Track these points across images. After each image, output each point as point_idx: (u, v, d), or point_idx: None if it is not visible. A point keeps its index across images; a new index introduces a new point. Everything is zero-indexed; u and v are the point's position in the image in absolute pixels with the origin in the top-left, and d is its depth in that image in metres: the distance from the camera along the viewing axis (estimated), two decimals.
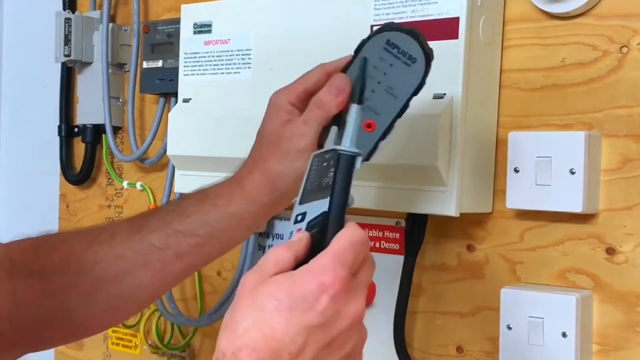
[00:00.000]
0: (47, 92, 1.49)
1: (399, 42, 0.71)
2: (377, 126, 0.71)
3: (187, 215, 0.79)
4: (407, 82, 0.71)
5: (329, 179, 0.64)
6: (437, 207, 0.86)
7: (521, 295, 0.86)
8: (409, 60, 0.71)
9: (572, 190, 0.82)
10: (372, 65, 0.72)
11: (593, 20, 0.86)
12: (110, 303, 0.80)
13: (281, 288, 0.56)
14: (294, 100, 0.76)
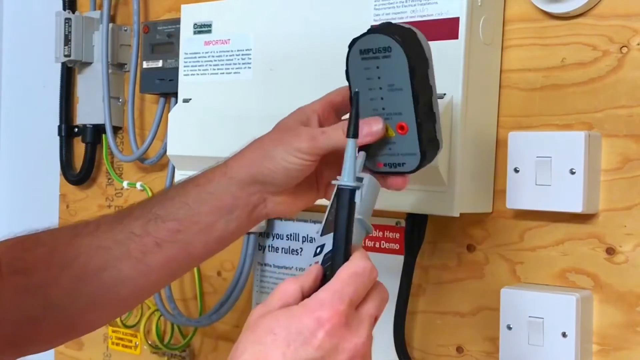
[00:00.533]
0: (47, 92, 1.49)
1: (368, 45, 0.71)
2: (408, 124, 0.71)
3: (168, 198, 0.78)
4: (398, 70, 0.71)
5: None
6: (437, 207, 0.86)
7: (521, 295, 0.86)
8: (386, 52, 0.70)
9: (572, 190, 0.82)
10: (365, 78, 0.72)
11: (593, 20, 0.86)
12: (91, 299, 0.78)
13: (278, 322, 0.58)
14: (318, 108, 0.76)
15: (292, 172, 0.73)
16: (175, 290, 1.23)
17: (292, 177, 0.74)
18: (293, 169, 0.73)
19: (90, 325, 0.84)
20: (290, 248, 1.13)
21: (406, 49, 0.70)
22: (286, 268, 1.13)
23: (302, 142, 0.72)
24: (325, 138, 0.72)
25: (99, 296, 0.78)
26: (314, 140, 0.72)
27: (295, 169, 0.73)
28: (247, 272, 1.14)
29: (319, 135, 0.72)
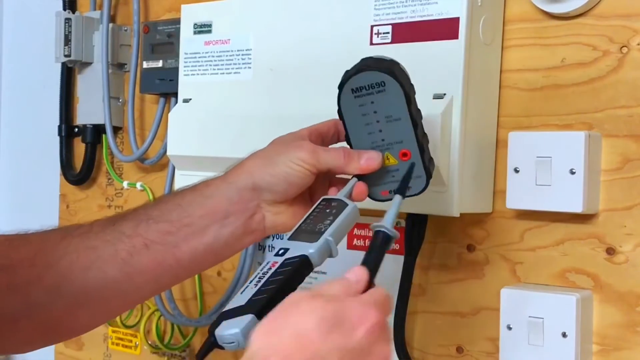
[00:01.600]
0: (47, 92, 1.49)
1: (360, 83, 0.73)
2: (411, 150, 0.74)
3: (164, 201, 0.78)
4: (394, 102, 0.73)
5: (324, 226, 0.69)
6: (437, 207, 0.86)
7: (521, 295, 0.86)
8: (380, 88, 0.72)
9: (572, 190, 0.82)
10: (360, 114, 0.74)
11: (593, 20, 0.86)
12: (74, 300, 0.76)
13: (326, 307, 0.59)
14: (306, 133, 0.78)
15: (292, 179, 0.74)
16: (175, 290, 1.23)
17: (292, 184, 0.74)
18: (294, 176, 0.74)
19: (72, 328, 0.82)
20: None
21: (399, 79, 0.72)
22: None
23: (305, 152, 0.74)
24: (326, 155, 0.74)
25: (82, 297, 0.77)
26: (316, 154, 0.74)
27: (295, 176, 0.74)
28: (247, 272, 1.14)
29: (321, 151, 0.75)
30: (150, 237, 0.76)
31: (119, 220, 0.78)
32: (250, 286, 0.66)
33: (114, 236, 0.76)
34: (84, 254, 0.76)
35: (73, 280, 0.76)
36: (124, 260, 0.76)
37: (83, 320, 0.80)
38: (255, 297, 0.65)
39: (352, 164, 0.74)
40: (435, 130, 0.83)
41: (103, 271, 0.76)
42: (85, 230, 0.78)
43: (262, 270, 0.67)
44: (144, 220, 0.76)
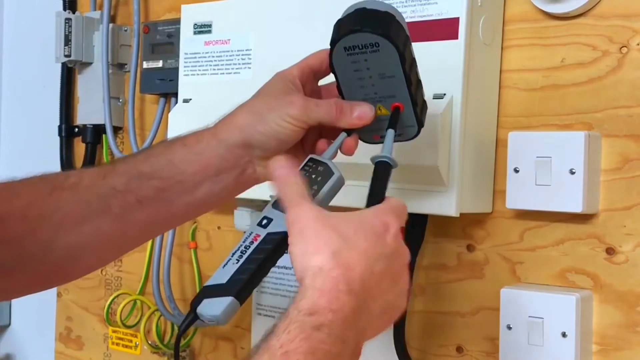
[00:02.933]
0: (47, 92, 1.49)
1: (353, 42, 0.71)
2: (403, 103, 0.74)
3: (154, 155, 0.77)
4: (388, 62, 0.72)
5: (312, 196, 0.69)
6: (437, 207, 0.86)
7: (521, 295, 0.86)
8: (374, 48, 0.71)
9: (572, 190, 0.82)
10: (353, 70, 0.73)
11: (593, 21, 0.86)
12: (68, 252, 0.77)
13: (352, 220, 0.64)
14: (297, 73, 0.77)
15: (282, 137, 0.74)
16: (175, 290, 1.23)
17: (282, 141, 0.74)
18: (284, 134, 0.74)
19: (64, 277, 0.83)
20: None
21: (393, 40, 0.70)
22: (286, 268, 1.13)
23: (296, 109, 0.73)
24: (317, 111, 0.74)
25: (75, 249, 0.77)
26: (307, 110, 0.73)
27: (285, 134, 0.74)
28: None
29: (312, 106, 0.74)
30: (142, 194, 0.76)
31: (109, 173, 0.77)
32: (232, 260, 0.68)
33: (105, 191, 0.76)
34: (77, 208, 0.76)
35: (67, 234, 0.76)
36: (117, 215, 0.76)
37: (76, 269, 0.81)
38: (235, 277, 0.67)
39: (344, 118, 0.74)
40: (435, 130, 0.84)
41: (96, 226, 0.76)
42: (74, 182, 0.77)
43: (245, 242, 0.69)
44: (135, 176, 0.76)
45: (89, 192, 0.76)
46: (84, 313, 1.44)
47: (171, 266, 1.21)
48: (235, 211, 1.12)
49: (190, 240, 1.24)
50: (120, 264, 1.37)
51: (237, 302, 0.66)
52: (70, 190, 0.76)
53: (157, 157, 0.76)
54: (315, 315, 0.59)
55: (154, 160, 0.76)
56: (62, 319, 1.48)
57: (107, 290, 1.39)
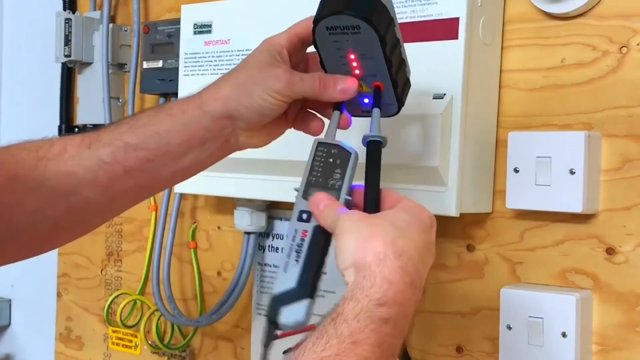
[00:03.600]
0: (47, 92, 1.49)
1: (335, 23, 0.72)
2: (384, 82, 0.74)
3: (139, 126, 0.77)
4: (369, 44, 0.72)
5: (336, 182, 0.70)
6: (437, 207, 0.86)
7: (521, 295, 0.86)
8: (355, 30, 0.71)
9: (572, 190, 0.82)
10: (335, 48, 0.73)
11: (593, 21, 0.86)
12: (57, 222, 0.78)
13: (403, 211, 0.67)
14: (285, 43, 0.77)
15: (266, 111, 0.75)
16: (175, 290, 1.23)
17: (265, 115, 0.75)
18: (267, 108, 0.74)
19: (53, 245, 0.84)
20: None
21: (374, 24, 0.70)
22: None
23: (280, 84, 0.74)
24: (302, 85, 0.74)
25: (64, 219, 0.78)
26: (292, 84, 0.74)
27: (270, 108, 0.74)
28: (247, 272, 1.14)
29: (297, 81, 0.74)
30: (130, 164, 0.76)
31: (94, 142, 0.77)
32: (291, 262, 0.68)
33: (91, 162, 0.76)
34: (65, 180, 0.76)
35: (55, 205, 0.77)
36: (105, 185, 0.76)
37: (65, 237, 0.83)
38: (304, 278, 0.67)
39: (327, 92, 0.75)
40: (435, 130, 0.84)
41: (84, 196, 0.77)
42: (59, 151, 0.78)
43: (295, 241, 0.69)
44: (121, 147, 0.76)
45: (75, 164, 0.76)
46: (84, 313, 1.44)
47: (171, 266, 1.21)
48: (235, 211, 1.12)
49: (190, 240, 1.24)
50: (120, 264, 1.37)
51: (313, 301, 0.67)
52: (55, 160, 0.77)
53: (143, 128, 0.77)
54: (384, 307, 0.60)
55: (140, 132, 0.77)
56: (62, 319, 1.48)
57: (107, 290, 1.39)
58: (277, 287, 0.67)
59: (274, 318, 0.66)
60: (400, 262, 0.62)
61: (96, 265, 1.41)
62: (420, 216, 0.67)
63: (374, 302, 0.60)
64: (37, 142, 0.81)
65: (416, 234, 0.66)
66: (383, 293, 0.61)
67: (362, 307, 0.60)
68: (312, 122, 0.78)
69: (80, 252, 1.44)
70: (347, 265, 0.64)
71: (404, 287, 0.62)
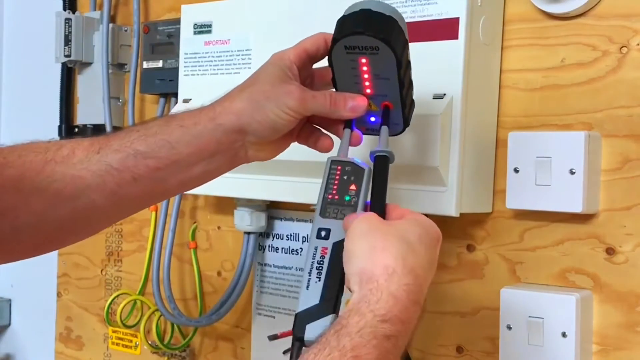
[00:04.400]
0: (47, 92, 1.49)
1: (354, 43, 0.72)
2: (393, 103, 0.76)
3: (150, 134, 0.77)
4: (385, 65, 0.73)
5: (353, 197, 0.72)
6: (437, 207, 0.86)
7: (521, 295, 0.86)
8: (373, 51, 0.72)
9: (572, 190, 0.82)
10: (350, 67, 0.74)
11: (593, 21, 0.86)
12: (61, 224, 0.78)
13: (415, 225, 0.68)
14: (294, 58, 0.78)
15: (278, 127, 0.75)
16: (175, 290, 1.23)
17: (277, 130, 0.76)
18: (280, 124, 0.75)
19: (57, 245, 0.85)
20: (290, 248, 1.13)
21: (393, 46, 0.72)
22: (286, 268, 1.13)
23: (293, 101, 0.74)
24: (314, 103, 0.75)
25: (69, 222, 0.78)
26: (304, 101, 0.75)
27: (282, 123, 0.75)
28: (247, 272, 1.14)
29: (310, 98, 0.75)
30: (138, 172, 0.77)
31: (104, 147, 0.77)
32: (313, 279, 0.69)
33: (100, 167, 0.76)
34: (72, 183, 0.76)
35: (61, 208, 0.77)
36: (113, 191, 0.77)
37: (69, 238, 0.83)
38: (327, 294, 0.68)
39: (337, 110, 0.76)
40: (435, 130, 0.84)
41: (91, 200, 0.77)
42: (67, 154, 0.78)
43: (315, 258, 0.70)
44: (131, 155, 0.76)
45: (83, 168, 0.77)
46: (84, 313, 1.44)
47: (171, 266, 1.21)
48: (235, 211, 1.12)
49: (190, 240, 1.24)
50: (120, 264, 1.37)
51: (337, 316, 0.67)
52: (63, 163, 0.77)
53: (154, 137, 0.77)
54: (387, 323, 0.61)
55: (151, 140, 0.77)
56: (62, 319, 1.48)
57: (107, 290, 1.39)
58: (301, 304, 0.69)
59: (301, 335, 0.67)
60: (408, 279, 0.63)
61: (96, 265, 1.41)
62: (430, 231, 0.69)
63: (379, 317, 0.61)
64: (45, 144, 0.81)
65: (424, 250, 0.67)
66: (388, 309, 0.61)
67: (366, 322, 0.60)
68: (321, 140, 0.80)
69: (80, 252, 1.44)
70: (353, 271, 0.64)
71: (409, 305, 0.63)
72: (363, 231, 0.66)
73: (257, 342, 1.15)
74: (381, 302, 0.61)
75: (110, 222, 0.85)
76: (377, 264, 0.63)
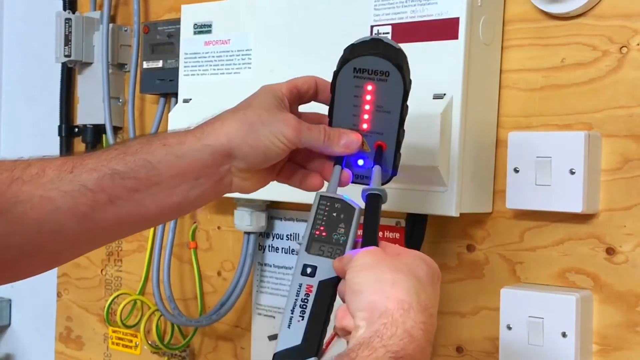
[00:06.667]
0: (47, 92, 1.49)
1: (365, 65, 0.71)
2: (388, 144, 0.74)
3: (130, 153, 0.72)
4: (391, 95, 0.72)
5: (340, 237, 0.70)
6: (437, 207, 0.86)
7: (521, 295, 0.86)
8: (382, 76, 0.71)
9: (572, 190, 0.82)
10: (353, 95, 0.73)
11: (593, 21, 0.86)
12: (25, 249, 0.70)
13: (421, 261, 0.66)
14: (286, 92, 0.76)
15: (270, 154, 0.72)
16: (175, 290, 1.23)
17: (268, 158, 0.73)
18: (273, 151, 0.72)
19: (15, 277, 0.75)
20: (290, 248, 1.13)
21: (404, 75, 0.71)
22: (286, 268, 1.13)
23: (289, 129, 0.72)
24: (308, 135, 0.73)
25: (34, 248, 0.71)
26: (300, 132, 0.72)
27: (274, 151, 0.72)
28: (247, 272, 1.14)
29: (305, 130, 0.73)
30: (115, 193, 0.71)
31: (77, 166, 0.71)
32: (295, 317, 0.66)
33: (73, 187, 0.70)
34: (39, 204, 0.69)
35: (25, 232, 0.70)
36: (85, 214, 0.70)
37: (30, 269, 0.75)
38: (310, 335, 0.65)
39: (330, 146, 0.73)
40: (435, 130, 0.84)
41: (60, 224, 0.70)
42: (37, 174, 0.70)
43: (299, 296, 0.68)
44: (108, 174, 0.70)
45: (54, 187, 0.70)
46: (84, 313, 1.44)
47: (171, 266, 1.21)
48: (235, 211, 1.12)
49: (190, 240, 1.24)
50: (120, 264, 1.37)
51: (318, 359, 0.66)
52: (31, 182, 0.70)
53: (134, 156, 0.72)
54: None
55: (129, 159, 0.71)
56: (62, 319, 1.48)
57: (107, 290, 1.39)
58: (281, 344, 0.66)
59: None
60: (424, 317, 0.61)
61: (96, 265, 1.41)
62: (433, 268, 0.67)
63: (391, 354, 0.58)
64: (12, 162, 0.72)
65: (432, 288, 0.65)
66: (402, 347, 0.58)
67: (376, 357, 0.57)
68: (310, 179, 0.76)
69: None
70: (361, 306, 0.61)
71: (425, 345, 0.60)
72: (369, 264, 0.63)
73: (257, 342, 1.15)
74: (395, 338, 0.58)
75: (78, 252, 0.77)
76: (390, 298, 0.60)
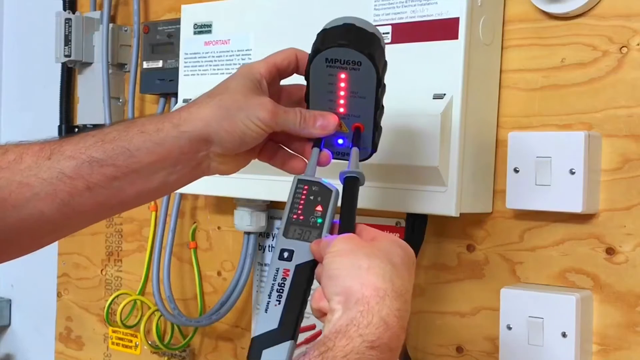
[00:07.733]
0: (47, 92, 1.49)
1: (336, 56, 0.71)
2: (365, 125, 0.74)
3: (108, 140, 0.72)
4: (365, 82, 0.72)
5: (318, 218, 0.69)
6: (437, 207, 0.86)
7: (521, 295, 0.86)
8: (355, 66, 0.71)
9: (572, 190, 0.82)
10: (327, 82, 0.73)
11: (593, 21, 0.86)
12: (3, 236, 0.71)
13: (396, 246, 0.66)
14: (264, 72, 0.76)
15: (247, 138, 0.72)
16: (175, 290, 1.23)
17: (244, 142, 0.73)
18: (249, 136, 0.72)
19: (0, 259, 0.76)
20: None
21: (376, 63, 0.71)
22: None
23: (265, 113, 0.72)
24: (285, 118, 0.73)
25: (13, 234, 0.72)
26: (276, 115, 0.72)
27: (251, 136, 0.72)
28: (247, 272, 1.14)
29: (281, 113, 0.73)
30: (93, 180, 0.71)
31: (55, 153, 0.72)
32: (272, 302, 0.66)
33: (51, 174, 0.71)
34: (18, 191, 0.70)
35: (4, 218, 0.71)
36: (63, 201, 0.71)
37: (9, 253, 0.75)
38: (286, 319, 0.65)
39: (306, 128, 0.74)
40: (435, 130, 0.84)
41: (39, 210, 0.71)
42: (14, 160, 0.71)
43: (276, 280, 0.67)
44: (86, 162, 0.71)
45: (32, 174, 0.71)
46: (84, 313, 1.44)
47: (171, 266, 1.21)
48: (235, 211, 1.12)
49: (190, 240, 1.24)
50: (120, 264, 1.37)
51: (295, 342, 0.65)
52: (8, 169, 0.71)
53: (112, 143, 0.72)
54: (376, 350, 0.59)
55: (108, 147, 0.72)
56: (62, 319, 1.48)
57: (107, 290, 1.39)
58: (258, 328, 0.66)
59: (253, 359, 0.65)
60: (399, 303, 0.62)
61: (96, 265, 1.41)
62: (408, 252, 0.66)
63: (367, 343, 0.58)
64: None
65: (407, 273, 0.65)
66: (378, 335, 0.59)
67: (353, 347, 0.58)
68: (292, 161, 0.77)
69: (80, 252, 1.44)
70: (336, 290, 0.62)
71: (399, 332, 0.61)
72: (345, 250, 0.64)
73: None
74: (371, 327, 0.59)
75: (58, 236, 0.77)
76: (366, 284, 0.61)
